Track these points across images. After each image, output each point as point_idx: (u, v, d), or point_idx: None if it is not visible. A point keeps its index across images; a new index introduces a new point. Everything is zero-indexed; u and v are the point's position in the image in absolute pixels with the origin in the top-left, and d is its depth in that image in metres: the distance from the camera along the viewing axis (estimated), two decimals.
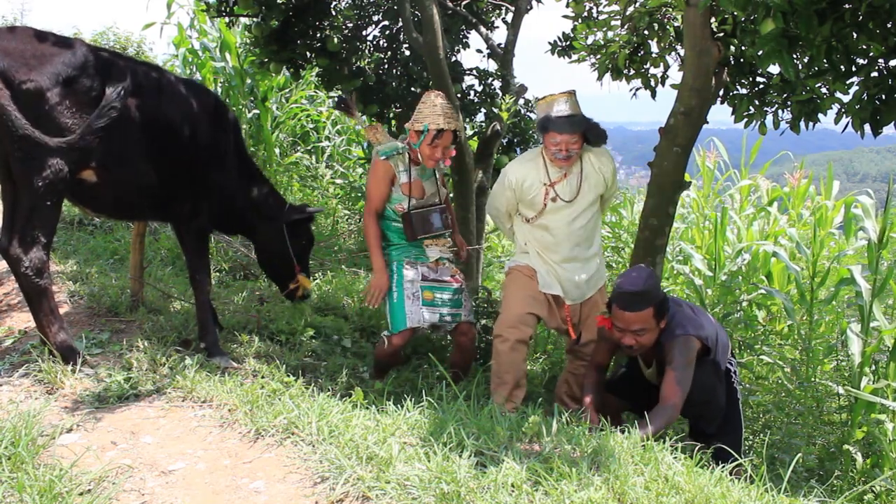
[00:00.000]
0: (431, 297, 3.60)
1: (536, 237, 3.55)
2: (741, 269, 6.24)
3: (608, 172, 3.52)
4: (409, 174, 3.58)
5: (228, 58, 8.92)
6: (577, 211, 3.48)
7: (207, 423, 2.66)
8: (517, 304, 3.51)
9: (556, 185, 3.46)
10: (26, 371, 2.95)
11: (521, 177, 3.49)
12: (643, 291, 2.95)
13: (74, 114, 2.87)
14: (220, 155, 3.59)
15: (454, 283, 3.70)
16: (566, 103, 3.35)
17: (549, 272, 3.54)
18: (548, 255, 3.54)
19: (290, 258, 3.99)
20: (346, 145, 9.47)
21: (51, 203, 2.88)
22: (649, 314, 2.97)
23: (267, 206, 3.94)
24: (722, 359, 3.20)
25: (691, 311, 3.19)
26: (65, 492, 2.05)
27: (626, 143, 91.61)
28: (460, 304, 3.69)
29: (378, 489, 2.08)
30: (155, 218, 4.02)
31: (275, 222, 3.94)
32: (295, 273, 4.02)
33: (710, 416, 3.20)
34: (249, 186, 3.87)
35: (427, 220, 3.62)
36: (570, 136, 3.33)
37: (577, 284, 3.55)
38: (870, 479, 3.81)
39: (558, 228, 3.49)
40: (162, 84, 3.32)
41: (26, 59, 2.75)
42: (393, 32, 5.94)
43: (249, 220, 3.93)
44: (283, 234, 3.95)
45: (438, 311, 3.61)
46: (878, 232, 4.73)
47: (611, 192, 3.64)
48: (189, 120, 3.38)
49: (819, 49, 2.62)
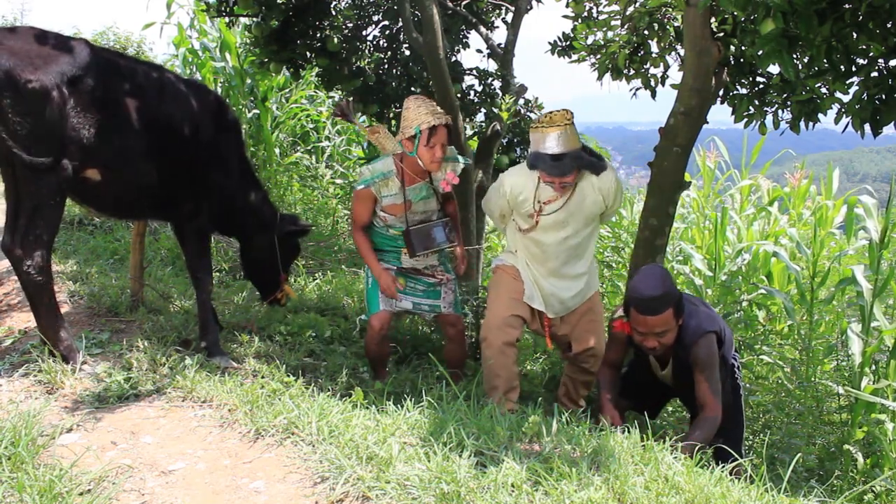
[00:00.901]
0: (403, 284, 3.67)
1: (527, 246, 3.52)
2: (741, 269, 6.24)
3: (608, 191, 3.39)
4: (404, 195, 3.53)
5: (228, 58, 8.92)
6: (569, 231, 3.43)
7: (207, 423, 2.66)
8: (501, 307, 3.51)
9: (550, 204, 3.38)
10: (26, 371, 2.95)
11: (517, 188, 3.42)
12: (663, 294, 2.89)
13: (79, 114, 2.86)
14: (222, 155, 3.59)
15: (430, 278, 3.71)
16: (557, 139, 3.17)
17: (532, 284, 3.52)
18: (535, 266, 3.52)
19: (278, 268, 4.01)
20: (346, 145, 9.47)
21: (53, 203, 2.88)
22: (670, 315, 2.92)
23: (260, 213, 3.94)
24: (728, 353, 3.18)
25: (703, 306, 3.15)
26: (65, 492, 2.05)
27: (626, 143, 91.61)
28: (438, 295, 3.71)
29: (378, 489, 2.08)
30: (156, 217, 4.03)
31: (266, 231, 3.94)
32: (280, 282, 4.05)
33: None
34: (248, 189, 3.87)
35: (428, 235, 3.58)
36: (560, 178, 3.23)
37: (561, 300, 3.53)
38: (870, 479, 3.81)
39: (549, 245, 3.45)
40: (164, 84, 3.32)
41: (32, 59, 2.75)
42: (393, 32, 5.94)
43: (243, 223, 3.93)
44: (273, 244, 3.96)
45: (412, 300, 3.67)
46: (879, 232, 4.73)
47: (612, 209, 3.51)
48: (191, 120, 3.38)
49: (819, 49, 2.62)
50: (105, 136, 2.98)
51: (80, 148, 2.89)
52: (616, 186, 3.41)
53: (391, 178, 3.52)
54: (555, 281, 3.51)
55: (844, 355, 4.75)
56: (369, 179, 3.52)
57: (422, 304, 3.70)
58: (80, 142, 2.88)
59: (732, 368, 3.26)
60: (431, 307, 3.72)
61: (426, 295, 3.71)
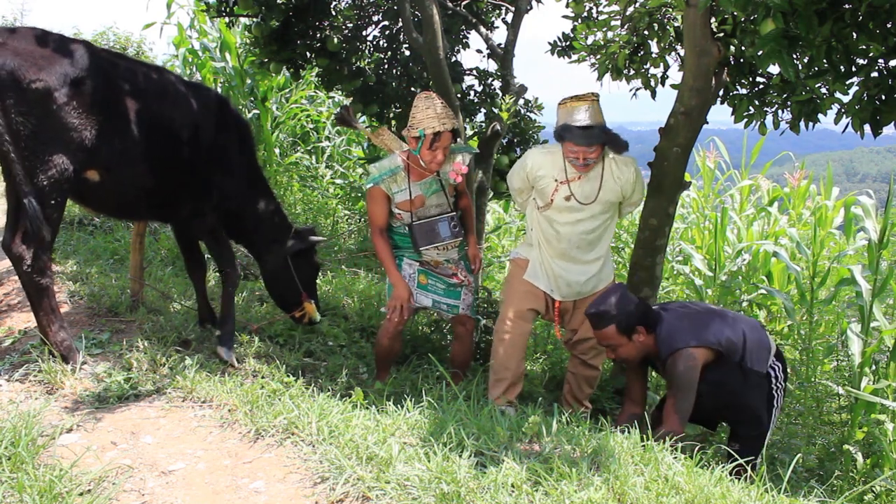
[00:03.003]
0: (426, 281, 3.67)
1: (542, 225, 3.51)
2: (741, 269, 6.24)
3: (627, 182, 3.40)
4: (409, 191, 3.53)
5: (228, 58, 8.92)
6: (585, 215, 3.42)
7: (207, 423, 2.66)
8: (515, 301, 3.54)
9: (570, 184, 3.39)
10: (26, 371, 2.95)
11: (537, 165, 3.43)
12: (600, 312, 3.11)
13: (81, 114, 2.87)
14: (223, 157, 3.56)
15: (452, 279, 3.72)
16: (587, 111, 3.23)
17: (541, 265, 3.53)
18: (546, 247, 3.51)
19: (295, 285, 3.89)
20: (346, 145, 9.46)
21: (55, 202, 2.89)
22: (612, 331, 3.11)
23: (272, 225, 3.86)
24: (755, 361, 3.08)
25: (696, 320, 3.13)
26: (65, 492, 2.05)
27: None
28: (458, 296, 3.72)
29: (378, 489, 2.08)
30: (158, 218, 4.01)
31: (278, 244, 3.85)
32: (300, 300, 3.92)
33: (735, 420, 3.18)
34: (256, 197, 3.81)
35: (433, 229, 3.57)
36: (588, 148, 3.25)
37: (570, 283, 3.51)
38: (870, 479, 3.82)
39: (563, 226, 3.45)
40: (165, 86, 3.32)
41: (35, 59, 2.76)
42: (393, 32, 5.93)
43: (252, 232, 3.85)
44: (286, 259, 3.86)
45: (432, 297, 3.68)
46: (878, 232, 4.74)
47: (630, 201, 3.51)
48: (191, 121, 3.37)
49: (819, 49, 2.62)
50: (106, 138, 2.99)
51: (80, 149, 2.89)
52: (635, 178, 3.42)
53: (399, 174, 3.53)
54: (564, 263, 3.50)
55: (844, 355, 4.76)
56: (377, 177, 3.53)
57: (441, 303, 3.70)
58: (80, 143, 2.89)
59: (769, 378, 3.16)
60: (450, 307, 3.72)
61: (446, 294, 3.71)
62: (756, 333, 3.16)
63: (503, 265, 7.14)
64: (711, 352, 3.03)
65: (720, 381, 3.04)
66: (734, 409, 3.12)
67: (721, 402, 3.10)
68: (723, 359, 3.05)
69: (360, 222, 7.66)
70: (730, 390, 3.06)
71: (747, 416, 3.11)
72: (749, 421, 3.12)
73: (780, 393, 3.22)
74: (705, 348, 3.02)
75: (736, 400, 3.09)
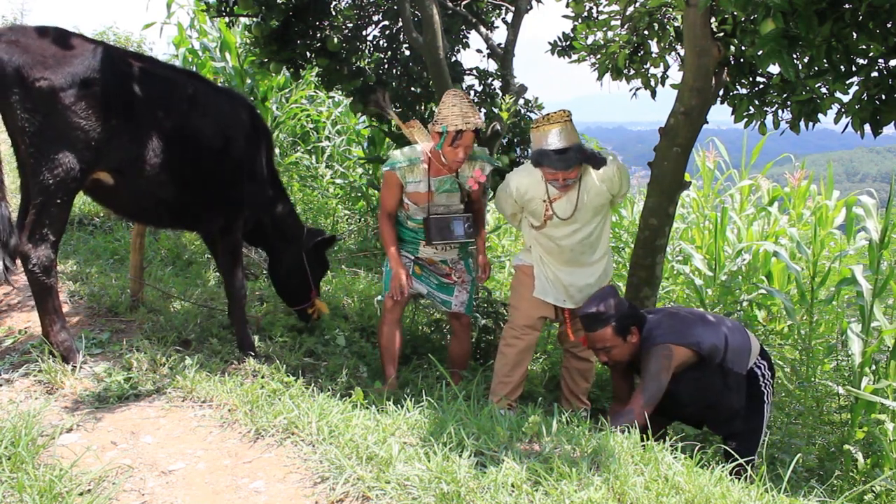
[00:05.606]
0: (420, 272, 3.75)
1: (541, 241, 3.54)
2: (741, 269, 6.24)
3: (611, 179, 3.38)
4: (429, 183, 3.56)
5: (228, 58, 8.92)
6: (580, 224, 3.44)
7: (207, 423, 2.66)
8: (525, 308, 3.58)
9: (555, 203, 3.39)
10: (26, 371, 2.95)
11: (522, 188, 3.43)
12: (598, 313, 3.12)
13: (89, 116, 2.83)
14: (254, 168, 3.56)
15: (444, 278, 3.76)
16: (559, 134, 3.20)
17: (548, 278, 3.54)
18: (550, 259, 3.53)
19: (308, 282, 3.97)
20: (346, 145, 9.46)
21: (61, 201, 2.87)
22: (608, 332, 3.13)
23: (286, 226, 3.93)
24: (735, 362, 3.15)
25: (679, 321, 3.19)
26: (65, 492, 2.05)
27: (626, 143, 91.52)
28: (450, 293, 3.77)
29: (378, 489, 2.08)
30: (184, 227, 3.97)
31: (292, 243, 3.92)
32: (311, 297, 4.01)
33: (717, 420, 3.23)
34: (276, 200, 3.85)
35: (448, 226, 3.61)
36: (566, 171, 3.24)
37: (581, 288, 3.52)
38: (870, 479, 3.81)
39: (562, 239, 3.46)
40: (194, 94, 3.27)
41: (45, 58, 2.74)
42: (393, 32, 5.93)
43: (270, 235, 3.92)
44: (300, 257, 3.93)
45: (427, 287, 3.76)
46: (879, 232, 4.74)
47: (619, 195, 3.51)
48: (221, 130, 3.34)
49: (819, 49, 2.62)
50: (118, 141, 2.94)
51: (87, 148, 2.86)
52: (618, 173, 3.39)
53: (417, 165, 3.56)
54: (572, 269, 3.51)
55: (844, 355, 4.76)
56: (395, 163, 3.57)
57: (434, 296, 3.79)
58: (87, 143, 2.85)
59: (756, 376, 3.25)
60: (443, 301, 3.81)
61: (438, 289, 3.79)
62: (737, 335, 3.22)
63: (503, 265, 7.15)
64: (691, 352, 3.08)
65: (701, 382, 3.10)
66: (716, 409, 3.17)
67: (702, 402, 3.16)
68: (704, 361, 3.11)
69: (360, 222, 7.66)
70: (711, 391, 3.12)
71: (729, 415, 3.17)
72: (731, 419, 3.17)
73: (769, 389, 3.30)
74: (685, 348, 3.07)
75: (717, 400, 3.14)
